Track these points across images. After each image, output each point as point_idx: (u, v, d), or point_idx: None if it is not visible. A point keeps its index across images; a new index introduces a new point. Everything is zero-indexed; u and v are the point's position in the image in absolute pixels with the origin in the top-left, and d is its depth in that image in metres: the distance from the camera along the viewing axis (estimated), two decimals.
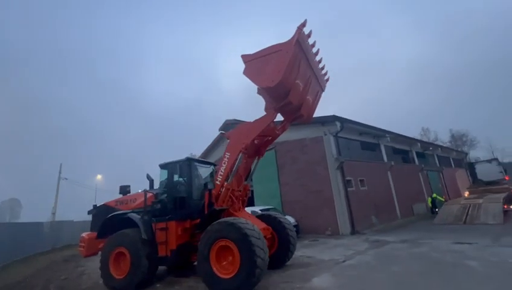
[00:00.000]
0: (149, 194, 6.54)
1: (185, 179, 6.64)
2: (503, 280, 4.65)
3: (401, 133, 19.03)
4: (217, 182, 6.30)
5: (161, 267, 6.85)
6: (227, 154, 6.27)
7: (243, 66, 5.78)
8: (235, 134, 6.46)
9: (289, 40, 5.14)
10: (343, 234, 11.68)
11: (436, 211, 15.15)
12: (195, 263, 5.90)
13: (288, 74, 5.13)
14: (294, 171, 14.26)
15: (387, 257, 7.17)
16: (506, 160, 35.46)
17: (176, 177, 6.83)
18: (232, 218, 5.45)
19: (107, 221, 6.62)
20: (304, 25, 5.17)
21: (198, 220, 6.24)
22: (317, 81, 6.46)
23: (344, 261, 6.95)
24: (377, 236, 10.72)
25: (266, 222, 6.83)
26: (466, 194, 20.68)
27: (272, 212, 7.58)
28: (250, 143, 6.28)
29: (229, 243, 4.99)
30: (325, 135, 13.23)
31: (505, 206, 13.08)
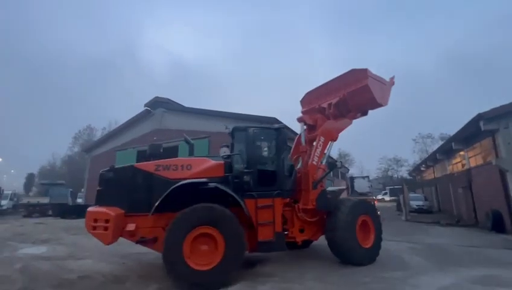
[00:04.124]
0: (218, 162, 5.27)
1: (278, 149, 5.71)
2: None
3: None
4: (314, 162, 6.06)
5: None
6: (322, 138, 6.35)
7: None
8: (327, 122, 6.74)
9: (390, 81, 7.19)
10: None
11: None
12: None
13: None
14: None
15: None
16: (370, 178, 47.69)
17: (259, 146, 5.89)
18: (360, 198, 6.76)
19: (175, 191, 4.61)
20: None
21: (287, 200, 5.72)
22: None
23: None
24: None
25: None
26: None
27: None
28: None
29: (368, 219, 6.01)
30: None
31: None
